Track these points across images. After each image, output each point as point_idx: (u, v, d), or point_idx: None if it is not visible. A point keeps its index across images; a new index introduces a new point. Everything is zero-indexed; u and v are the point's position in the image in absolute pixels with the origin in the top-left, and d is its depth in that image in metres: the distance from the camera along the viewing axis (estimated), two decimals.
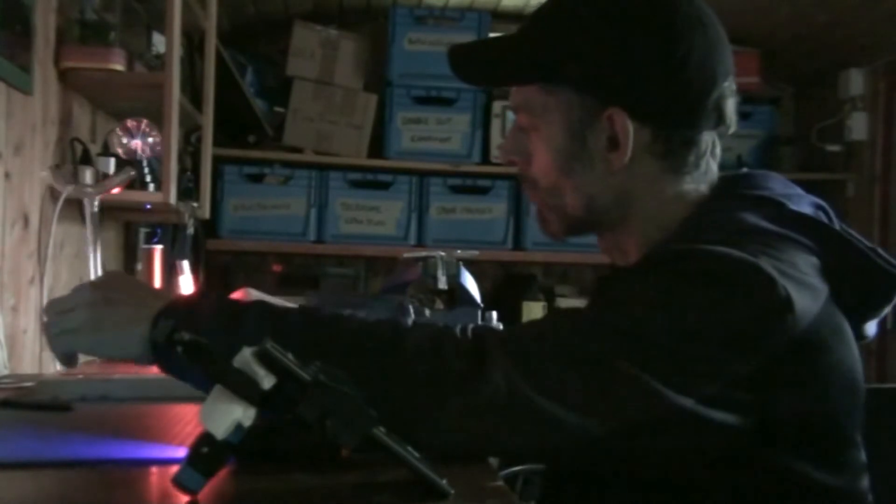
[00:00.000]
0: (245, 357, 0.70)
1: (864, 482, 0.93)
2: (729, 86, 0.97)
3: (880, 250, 0.94)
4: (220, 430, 0.69)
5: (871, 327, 0.98)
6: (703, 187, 0.99)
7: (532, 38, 0.99)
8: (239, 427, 0.69)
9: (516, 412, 0.79)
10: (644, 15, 0.95)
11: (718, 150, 1.00)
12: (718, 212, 0.94)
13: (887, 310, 0.96)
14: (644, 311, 0.83)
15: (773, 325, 0.82)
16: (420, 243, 3.30)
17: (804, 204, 0.96)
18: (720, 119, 0.97)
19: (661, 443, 0.82)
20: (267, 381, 0.70)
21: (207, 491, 0.70)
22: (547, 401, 0.79)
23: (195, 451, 0.69)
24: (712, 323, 0.81)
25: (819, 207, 0.97)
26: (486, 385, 0.79)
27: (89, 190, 1.89)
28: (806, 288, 0.85)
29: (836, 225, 0.95)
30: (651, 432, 0.81)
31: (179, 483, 0.69)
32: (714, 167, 1.00)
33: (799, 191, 0.98)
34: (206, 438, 0.69)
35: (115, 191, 1.96)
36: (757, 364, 0.82)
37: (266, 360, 0.70)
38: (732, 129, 0.99)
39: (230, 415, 0.69)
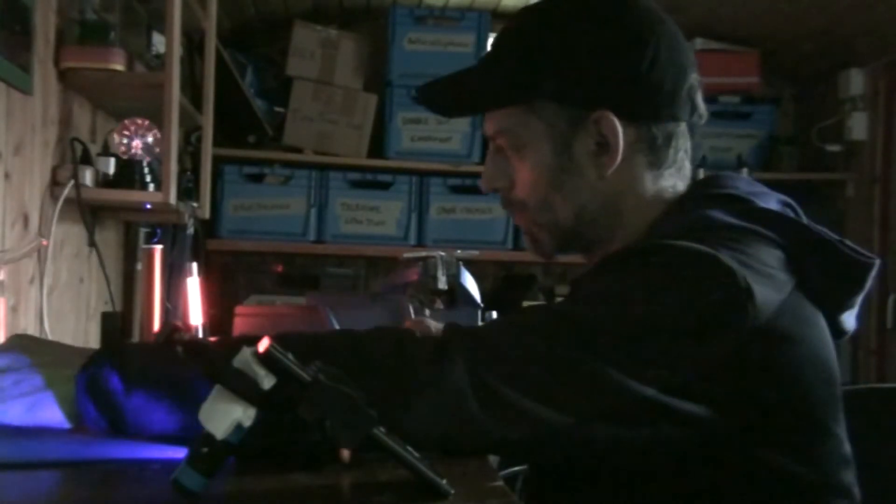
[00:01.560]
0: (245, 357, 0.70)
1: (848, 475, 0.94)
2: (696, 77, 1.00)
3: (847, 241, 0.95)
4: (220, 430, 0.69)
5: (849, 321, 0.99)
6: (680, 185, 1.01)
7: (502, 61, 1.01)
8: (239, 427, 0.69)
9: (480, 403, 0.79)
10: (610, 17, 0.97)
11: (689, 145, 1.02)
12: (685, 212, 0.96)
13: (859, 299, 0.98)
14: (604, 304, 0.85)
15: (733, 314, 0.83)
16: (420, 243, 3.30)
17: (771, 201, 0.98)
18: (693, 109, 1.00)
19: (629, 435, 0.83)
20: (267, 381, 0.70)
21: (207, 491, 0.70)
22: (511, 391, 0.80)
23: (195, 451, 0.69)
24: (672, 313, 0.83)
25: (787, 205, 1.00)
26: (448, 378, 0.79)
27: None
28: (768, 279, 0.87)
29: (803, 220, 0.97)
30: (617, 424, 0.82)
31: (179, 483, 0.69)
32: (687, 164, 1.02)
33: (765, 189, 1.00)
34: (206, 438, 0.69)
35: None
36: (719, 353, 0.83)
37: (266, 360, 0.70)
38: (704, 120, 1.02)
39: (230, 415, 0.69)
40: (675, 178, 1.01)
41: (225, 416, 0.69)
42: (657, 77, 0.96)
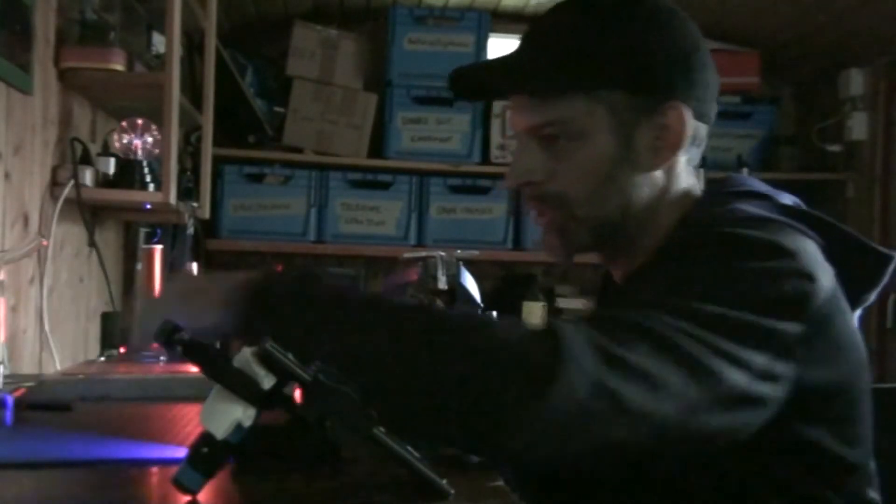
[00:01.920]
0: (245, 357, 0.70)
1: (873, 463, 0.95)
2: None
3: (863, 237, 0.97)
4: (220, 430, 0.69)
5: (855, 320, 1.00)
6: (696, 184, 1.03)
7: (559, 49, 0.97)
8: (239, 427, 0.69)
9: (603, 402, 0.74)
10: (666, 16, 0.98)
11: None
12: (717, 206, 0.96)
13: (874, 295, 0.99)
14: (698, 295, 0.82)
15: (805, 294, 0.85)
16: (420, 243, 3.30)
17: (786, 198, 0.99)
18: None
19: (721, 423, 0.81)
20: (267, 381, 0.70)
21: (207, 491, 0.70)
22: (631, 392, 0.75)
23: (195, 451, 0.69)
24: (752, 299, 0.83)
25: (797, 204, 1.00)
26: (569, 377, 0.73)
27: None
28: (819, 265, 0.89)
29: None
30: (718, 414, 0.80)
31: (179, 483, 0.69)
32: None
33: (775, 190, 1.01)
34: (206, 438, 0.69)
35: None
36: (793, 335, 0.83)
37: (266, 360, 0.70)
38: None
39: (230, 415, 0.69)
40: (694, 177, 1.02)
41: (225, 416, 0.69)
42: (707, 75, 0.99)
